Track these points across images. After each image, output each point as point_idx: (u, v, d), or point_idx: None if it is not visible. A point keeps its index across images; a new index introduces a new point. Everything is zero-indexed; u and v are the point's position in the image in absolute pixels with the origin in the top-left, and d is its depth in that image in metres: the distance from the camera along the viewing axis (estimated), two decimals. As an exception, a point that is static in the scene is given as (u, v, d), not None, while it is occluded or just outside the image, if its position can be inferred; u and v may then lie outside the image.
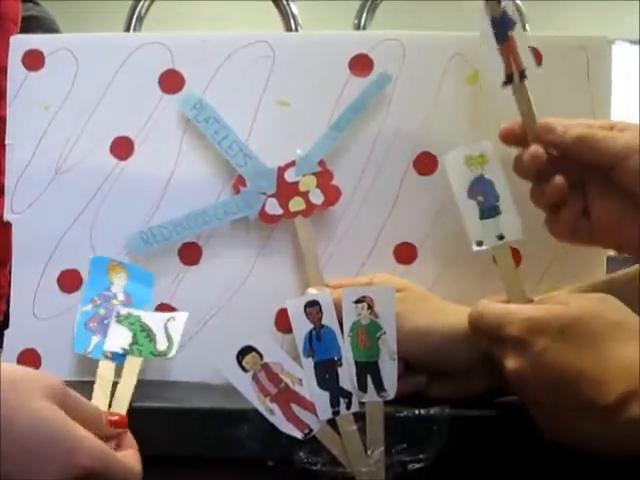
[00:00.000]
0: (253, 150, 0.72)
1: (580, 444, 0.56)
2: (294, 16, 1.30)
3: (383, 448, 0.61)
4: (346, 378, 0.63)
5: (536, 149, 0.64)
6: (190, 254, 0.73)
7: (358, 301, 0.64)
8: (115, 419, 0.59)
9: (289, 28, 1.30)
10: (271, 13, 1.32)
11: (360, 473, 0.61)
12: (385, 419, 0.62)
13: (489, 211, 0.65)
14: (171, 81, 0.74)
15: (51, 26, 1.05)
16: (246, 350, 0.63)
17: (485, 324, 0.60)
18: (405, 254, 0.73)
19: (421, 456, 0.61)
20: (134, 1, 1.31)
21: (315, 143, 0.72)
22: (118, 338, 0.67)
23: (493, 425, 0.63)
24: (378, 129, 0.73)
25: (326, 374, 0.63)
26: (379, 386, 0.63)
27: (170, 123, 0.73)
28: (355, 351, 0.64)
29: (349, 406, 0.63)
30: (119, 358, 0.66)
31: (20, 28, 0.93)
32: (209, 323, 0.72)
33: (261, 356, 0.63)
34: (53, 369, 0.57)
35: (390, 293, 0.65)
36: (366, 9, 1.37)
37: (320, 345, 0.64)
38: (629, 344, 0.54)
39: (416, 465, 0.61)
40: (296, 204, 0.71)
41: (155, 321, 0.68)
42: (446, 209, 0.72)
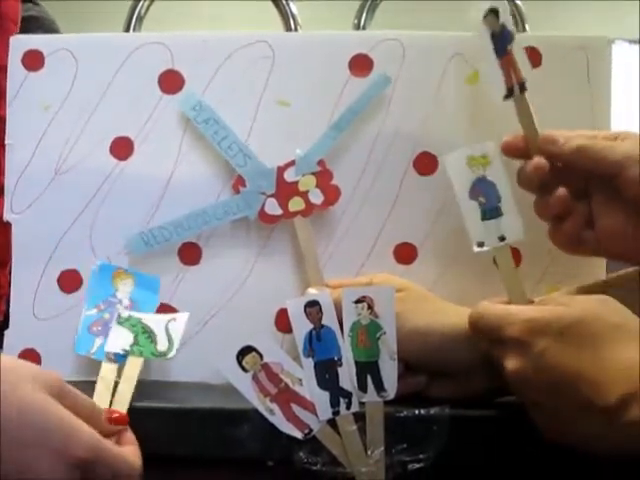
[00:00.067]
0: (253, 150, 0.72)
1: (580, 445, 0.56)
2: (294, 16, 1.30)
3: (383, 448, 0.61)
4: (346, 378, 0.63)
5: (539, 161, 0.64)
6: (190, 254, 0.73)
7: (358, 301, 0.64)
8: (115, 417, 0.59)
9: (289, 28, 1.30)
10: (271, 13, 1.31)
11: (360, 473, 0.61)
12: (385, 419, 0.62)
13: (491, 212, 0.65)
14: (171, 81, 0.74)
15: (51, 26, 1.05)
16: (246, 350, 0.63)
17: (485, 325, 0.60)
18: (405, 254, 0.73)
19: (421, 456, 0.61)
20: (134, 1, 1.30)
21: (315, 143, 0.72)
22: (119, 339, 0.67)
23: (493, 425, 0.63)
24: (378, 129, 0.73)
25: (326, 374, 0.63)
26: (379, 386, 0.63)
27: (170, 123, 0.73)
28: (355, 351, 0.64)
29: (349, 406, 0.63)
30: (120, 359, 0.66)
31: (20, 28, 0.92)
32: (209, 323, 0.72)
33: (261, 356, 0.63)
34: (52, 369, 0.56)
35: (390, 293, 0.65)
36: (366, 9, 1.36)
37: (320, 345, 0.64)
38: (629, 346, 0.54)
39: (416, 465, 0.61)
40: (296, 204, 0.71)
41: (156, 322, 0.68)
42: (446, 209, 0.72)
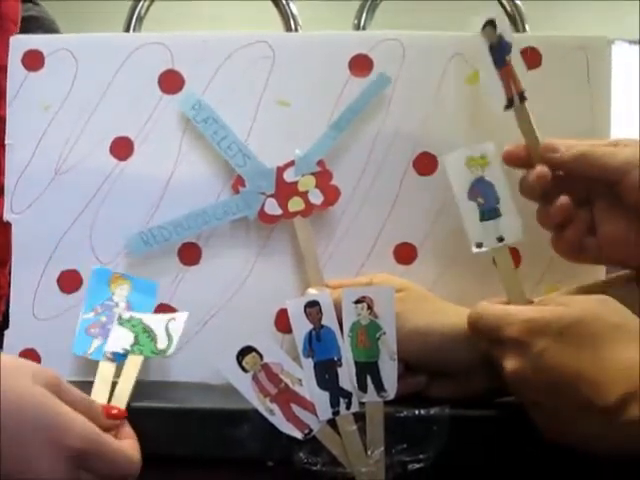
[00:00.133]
0: (252, 150, 0.72)
1: (580, 445, 0.56)
2: (294, 16, 1.30)
3: (383, 448, 0.61)
4: (346, 378, 0.63)
5: (541, 169, 0.64)
6: (190, 254, 0.73)
7: (358, 301, 0.64)
8: (114, 412, 0.60)
9: (289, 28, 1.30)
10: (271, 13, 1.31)
11: (360, 473, 0.61)
12: (385, 419, 0.62)
13: (489, 213, 0.65)
14: (171, 81, 0.74)
15: (51, 26, 1.05)
16: (246, 350, 0.63)
17: (485, 325, 0.60)
18: (405, 254, 0.73)
19: (421, 456, 0.61)
20: (134, 1, 1.30)
21: (314, 143, 0.72)
22: (120, 339, 0.67)
23: (493, 425, 0.63)
24: (378, 129, 0.73)
25: (326, 374, 0.63)
26: (379, 386, 0.63)
27: (170, 123, 0.73)
28: (355, 351, 0.64)
29: (349, 406, 0.63)
30: (120, 358, 0.66)
31: (20, 28, 0.92)
32: (209, 323, 0.72)
33: (261, 356, 0.63)
34: (53, 369, 0.56)
35: (390, 293, 0.65)
36: (366, 9, 1.36)
37: (320, 345, 0.64)
38: (629, 346, 0.54)
39: (416, 465, 0.61)
40: (295, 204, 0.71)
41: (156, 322, 0.68)
42: (446, 209, 0.72)
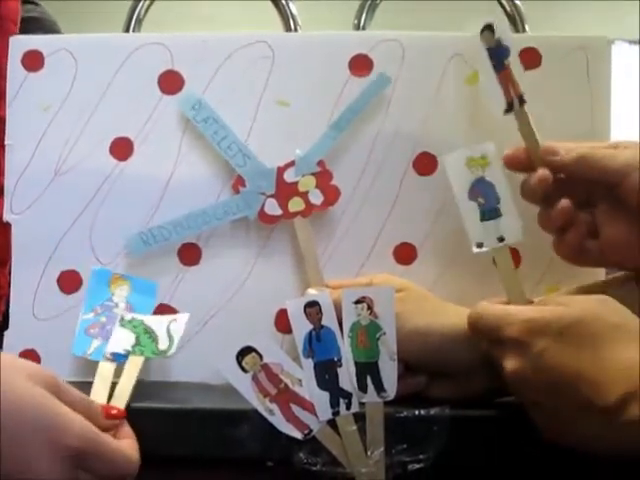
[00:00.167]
0: (252, 150, 0.72)
1: (579, 445, 0.56)
2: (293, 16, 1.30)
3: (383, 448, 0.61)
4: (346, 379, 0.63)
5: (543, 173, 0.64)
6: (190, 254, 0.73)
7: (358, 301, 0.64)
8: (114, 412, 0.60)
9: (288, 28, 1.30)
10: (270, 13, 1.31)
11: (360, 473, 0.61)
12: (385, 419, 0.62)
13: (490, 213, 0.65)
14: (171, 81, 0.74)
15: (52, 27, 1.05)
16: (246, 350, 0.63)
17: (484, 325, 0.60)
18: (405, 254, 0.73)
19: (421, 456, 0.61)
20: (134, 1, 1.30)
21: (314, 143, 0.72)
22: (121, 340, 0.67)
23: (493, 425, 0.63)
24: (377, 129, 0.73)
25: (326, 374, 0.63)
26: (379, 386, 0.63)
27: (170, 124, 0.73)
28: (355, 352, 0.64)
29: (349, 406, 0.63)
30: (120, 358, 0.66)
31: (21, 29, 0.92)
32: (209, 324, 0.72)
33: (261, 356, 0.63)
34: (53, 370, 0.56)
35: (390, 293, 0.65)
36: (365, 9, 1.36)
37: (320, 346, 0.64)
38: (629, 346, 0.54)
39: (416, 465, 0.61)
40: (295, 204, 0.71)
41: (158, 323, 0.68)
42: (446, 209, 0.72)
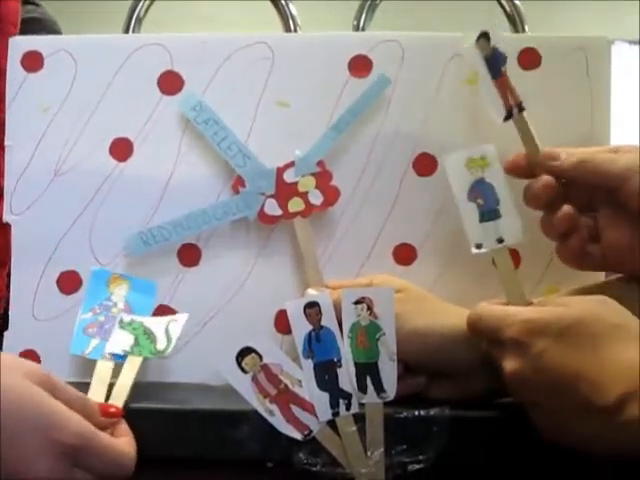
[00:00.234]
0: (252, 151, 0.72)
1: (579, 445, 0.56)
2: (293, 17, 1.30)
3: (383, 449, 0.61)
4: (346, 379, 0.63)
5: (547, 179, 0.64)
6: (189, 255, 0.73)
7: (357, 302, 0.64)
8: (112, 410, 0.60)
9: (288, 29, 1.30)
10: (270, 14, 1.31)
11: (360, 474, 0.61)
12: (385, 420, 0.62)
13: (489, 214, 0.65)
14: (170, 82, 0.74)
15: (53, 27, 1.05)
16: (246, 351, 0.63)
17: (484, 326, 0.60)
18: (404, 255, 0.73)
19: (421, 457, 0.61)
20: (133, 2, 1.30)
21: (314, 144, 0.72)
22: (120, 342, 0.67)
23: (493, 426, 0.63)
24: (377, 130, 0.73)
25: (326, 375, 0.63)
26: (379, 387, 0.63)
27: (169, 124, 0.73)
28: (354, 352, 0.64)
29: (349, 407, 0.63)
30: (118, 359, 0.66)
31: (22, 30, 0.92)
32: (209, 324, 0.72)
33: (261, 357, 0.63)
34: (52, 370, 0.56)
35: (389, 294, 0.65)
36: (365, 10, 1.36)
37: (319, 346, 0.64)
38: (629, 346, 0.54)
39: (416, 466, 0.61)
40: (295, 205, 0.71)
41: (157, 324, 0.68)
42: (446, 210, 0.72)
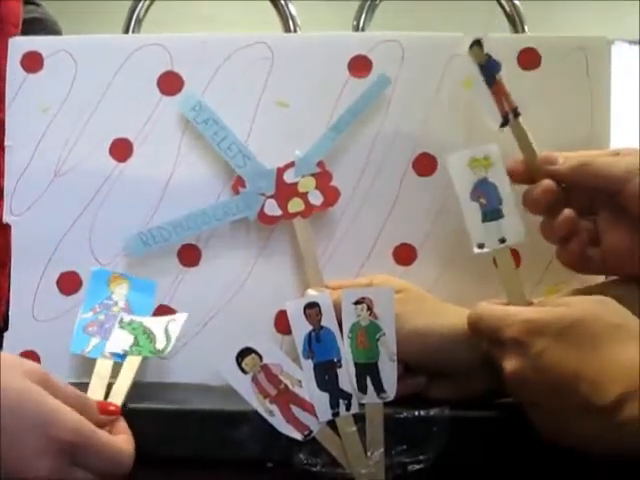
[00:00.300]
0: (252, 151, 0.72)
1: (579, 445, 0.55)
2: (293, 17, 1.30)
3: (383, 449, 0.61)
4: (346, 379, 0.63)
5: (548, 183, 0.64)
6: (189, 255, 0.73)
7: (357, 302, 0.64)
8: (111, 409, 0.60)
9: (288, 29, 1.30)
10: (270, 14, 1.31)
11: (360, 474, 0.61)
12: (385, 420, 0.62)
13: (491, 214, 0.65)
14: (170, 82, 0.74)
15: (53, 27, 1.05)
16: (245, 351, 0.63)
17: (484, 326, 0.60)
18: (404, 255, 0.73)
19: (421, 457, 0.61)
20: (134, 1, 1.30)
21: (314, 144, 0.72)
22: (120, 341, 0.67)
23: (493, 426, 0.63)
24: (377, 130, 0.73)
25: (326, 375, 0.63)
26: (379, 387, 0.63)
27: (169, 124, 0.73)
28: (354, 352, 0.64)
29: (349, 407, 0.63)
30: (118, 358, 0.66)
31: (23, 30, 0.92)
32: (209, 325, 0.72)
33: (261, 357, 0.63)
34: (52, 371, 0.56)
35: (389, 294, 0.65)
36: (365, 10, 1.36)
37: (319, 346, 0.64)
38: (628, 346, 0.54)
39: (416, 466, 0.61)
40: (295, 205, 0.71)
41: (157, 324, 0.68)
42: (446, 210, 0.72)
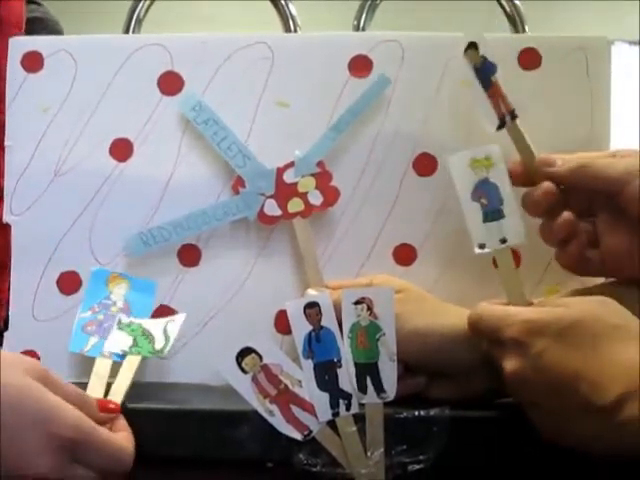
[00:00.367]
0: (252, 151, 0.72)
1: (578, 445, 0.55)
2: (293, 17, 1.30)
3: (383, 449, 0.61)
4: (346, 379, 0.63)
5: (548, 185, 0.64)
6: (189, 255, 0.73)
7: (357, 302, 0.64)
8: (111, 406, 0.60)
9: (288, 29, 1.30)
10: (270, 14, 1.31)
11: (360, 474, 0.61)
12: (385, 420, 0.62)
13: (492, 214, 0.65)
14: (170, 82, 0.74)
15: (55, 27, 1.05)
16: (245, 351, 0.63)
17: (485, 326, 0.60)
18: (404, 255, 0.73)
19: (421, 457, 0.61)
20: (134, 1, 1.30)
21: (314, 144, 0.72)
22: (119, 342, 0.67)
23: (493, 426, 0.63)
24: (377, 130, 0.73)
25: (326, 375, 0.63)
26: (379, 387, 0.63)
27: (169, 124, 0.73)
28: (354, 352, 0.64)
29: (349, 407, 0.63)
30: (117, 358, 0.66)
31: (24, 30, 0.92)
32: (209, 324, 0.72)
33: (261, 357, 0.63)
34: (52, 371, 0.56)
35: (389, 294, 0.65)
36: (365, 10, 1.36)
37: (319, 346, 0.64)
38: (628, 346, 0.54)
39: (416, 466, 0.61)
40: (295, 205, 0.71)
41: (156, 325, 0.68)
42: (446, 210, 0.72)
